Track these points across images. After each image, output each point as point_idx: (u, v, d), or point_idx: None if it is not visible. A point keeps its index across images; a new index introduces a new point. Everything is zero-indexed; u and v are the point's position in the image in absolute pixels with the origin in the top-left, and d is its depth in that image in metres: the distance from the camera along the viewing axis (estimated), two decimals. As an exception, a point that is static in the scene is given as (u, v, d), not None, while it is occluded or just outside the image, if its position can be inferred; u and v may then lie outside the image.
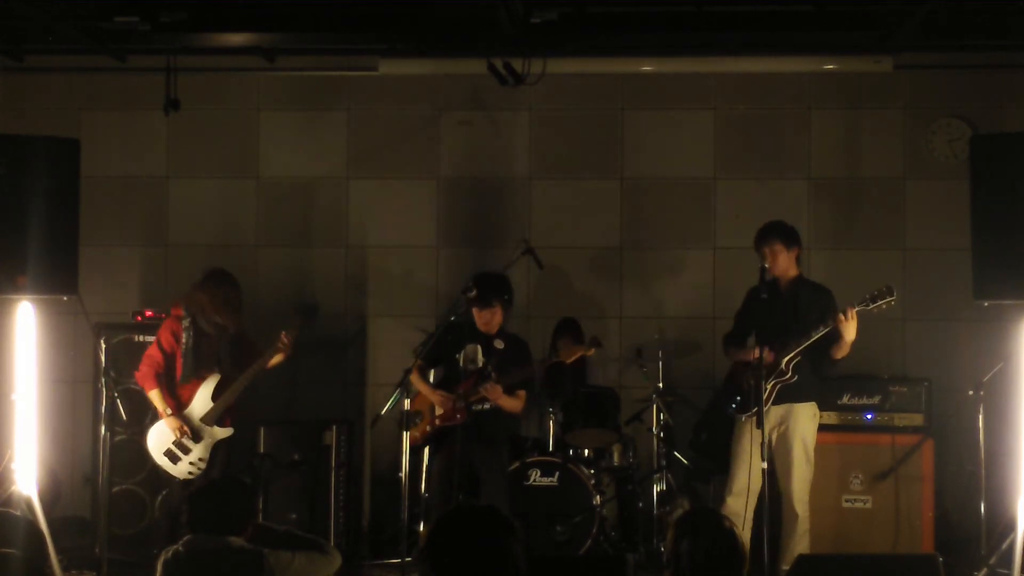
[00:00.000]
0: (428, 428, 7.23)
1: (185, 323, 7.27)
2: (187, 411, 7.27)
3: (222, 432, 7.29)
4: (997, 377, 7.05)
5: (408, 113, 8.93)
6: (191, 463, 7.25)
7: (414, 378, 7.22)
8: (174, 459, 7.26)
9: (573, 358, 7.26)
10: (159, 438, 7.29)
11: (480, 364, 7.18)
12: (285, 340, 7.23)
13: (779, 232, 7.05)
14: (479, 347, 7.21)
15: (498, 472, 7.16)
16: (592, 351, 7.41)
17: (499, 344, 7.23)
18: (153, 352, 7.33)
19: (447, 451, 7.10)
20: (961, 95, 8.62)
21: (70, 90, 8.92)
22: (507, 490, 7.14)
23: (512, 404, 7.18)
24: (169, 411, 7.23)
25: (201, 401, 7.28)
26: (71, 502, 8.50)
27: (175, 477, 7.30)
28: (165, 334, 7.34)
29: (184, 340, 7.26)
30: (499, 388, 7.06)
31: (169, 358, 7.30)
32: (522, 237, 8.21)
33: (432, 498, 7.28)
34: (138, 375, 7.31)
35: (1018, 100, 8.46)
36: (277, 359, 7.32)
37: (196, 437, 7.25)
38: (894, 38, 7.89)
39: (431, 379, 7.49)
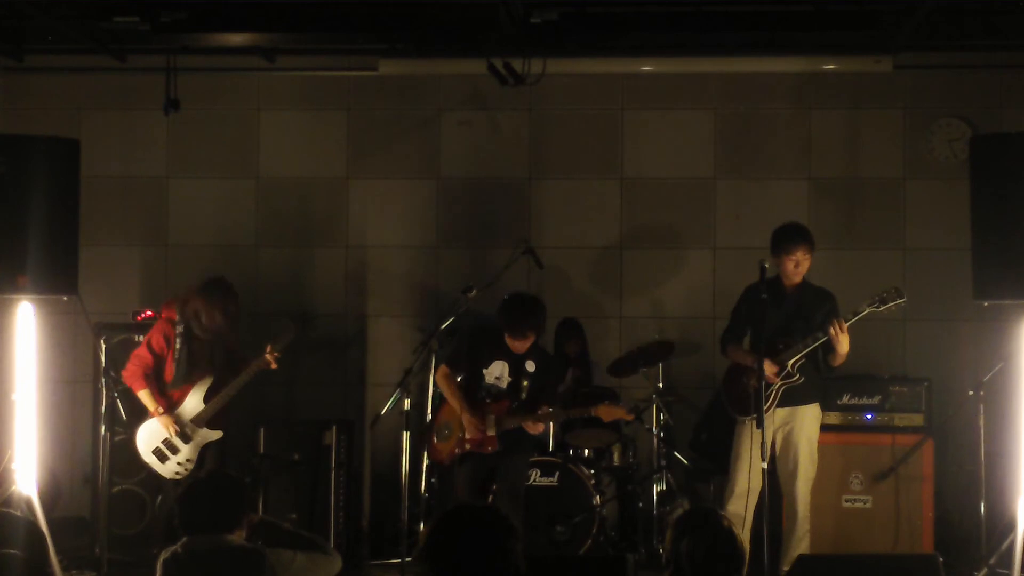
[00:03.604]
0: (457, 450, 6.99)
1: (179, 328, 7.21)
2: (178, 411, 7.25)
3: (212, 434, 7.26)
4: (997, 377, 7.04)
5: (408, 113, 8.93)
6: (179, 463, 7.23)
7: (443, 386, 7.09)
8: (162, 458, 7.25)
9: (611, 419, 7.15)
10: (149, 436, 7.27)
11: (505, 386, 7.01)
12: (270, 355, 7.17)
13: (809, 238, 7.00)
14: (506, 366, 7.02)
15: (513, 481, 7.03)
16: (631, 417, 7.36)
17: (530, 366, 7.02)
18: (142, 352, 7.29)
19: (473, 464, 6.98)
20: (961, 95, 8.61)
21: (70, 90, 8.90)
22: (520, 498, 7.03)
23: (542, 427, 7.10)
24: (161, 410, 7.22)
25: (192, 402, 7.25)
26: (71, 502, 8.49)
27: (162, 476, 7.29)
28: (156, 336, 7.29)
29: (177, 345, 7.20)
30: (540, 426, 6.98)
31: (159, 359, 7.27)
32: (522, 237, 8.19)
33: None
34: (125, 374, 7.27)
35: (1018, 100, 8.45)
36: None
37: (185, 438, 7.24)
38: (894, 38, 7.90)
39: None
